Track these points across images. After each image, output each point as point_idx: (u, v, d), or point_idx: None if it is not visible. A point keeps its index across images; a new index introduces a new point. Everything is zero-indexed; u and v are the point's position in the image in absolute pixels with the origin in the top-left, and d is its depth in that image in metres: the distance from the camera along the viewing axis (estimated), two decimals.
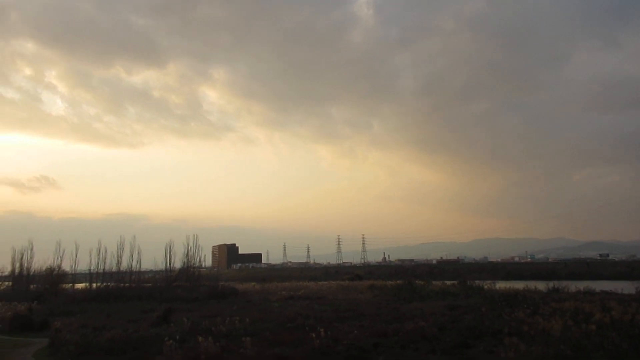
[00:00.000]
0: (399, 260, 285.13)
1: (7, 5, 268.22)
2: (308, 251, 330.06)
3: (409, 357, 23.41)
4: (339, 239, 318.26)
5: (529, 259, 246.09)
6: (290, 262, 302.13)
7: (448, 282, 79.77)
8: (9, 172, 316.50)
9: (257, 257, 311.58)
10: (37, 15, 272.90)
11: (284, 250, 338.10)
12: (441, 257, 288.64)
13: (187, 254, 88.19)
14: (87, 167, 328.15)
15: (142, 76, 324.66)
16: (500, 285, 70.91)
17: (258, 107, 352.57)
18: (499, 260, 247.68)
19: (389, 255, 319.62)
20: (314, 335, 27.42)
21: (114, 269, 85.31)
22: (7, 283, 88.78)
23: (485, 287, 67.52)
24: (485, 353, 23.50)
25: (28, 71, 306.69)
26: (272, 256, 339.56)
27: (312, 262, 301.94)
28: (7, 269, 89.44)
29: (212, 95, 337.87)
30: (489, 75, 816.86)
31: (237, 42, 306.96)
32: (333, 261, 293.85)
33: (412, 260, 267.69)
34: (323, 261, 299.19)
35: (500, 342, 23.67)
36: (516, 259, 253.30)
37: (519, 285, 68.71)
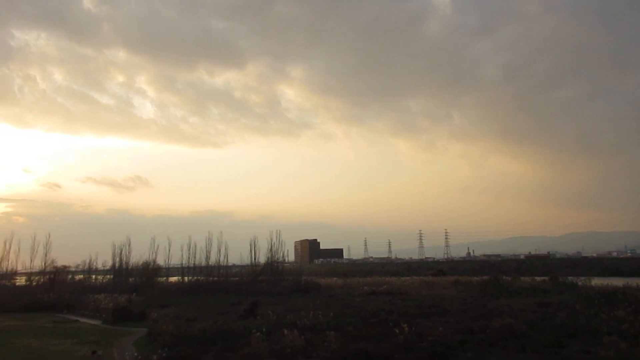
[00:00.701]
0: (484, 255, 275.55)
1: (100, 18, 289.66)
2: (389, 246, 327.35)
3: (497, 355, 22.62)
4: (420, 233, 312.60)
5: (629, 254, 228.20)
6: (372, 257, 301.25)
7: (538, 278, 76.23)
8: (108, 173, 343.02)
9: (338, 252, 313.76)
10: (126, 26, 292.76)
11: (365, 245, 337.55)
12: (529, 252, 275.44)
13: (271, 249, 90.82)
14: (176, 167, 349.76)
15: (224, 77, 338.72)
16: (596, 281, 66.73)
17: (335, 103, 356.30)
18: (594, 255, 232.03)
19: (473, 250, 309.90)
20: (397, 330, 27.25)
21: (203, 263, 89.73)
22: (108, 276, 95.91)
23: (580, 283, 63.77)
24: (581, 353, 22.16)
25: (120, 78, 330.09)
26: (354, 251, 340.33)
27: (393, 257, 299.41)
28: (109, 263, 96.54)
29: (290, 93, 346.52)
30: (576, 59, 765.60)
31: (313, 39, 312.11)
32: (415, 256, 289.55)
33: (498, 256, 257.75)
34: (405, 256, 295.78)
35: (598, 342, 22.29)
36: (614, 254, 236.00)
37: (617, 282, 64.34)
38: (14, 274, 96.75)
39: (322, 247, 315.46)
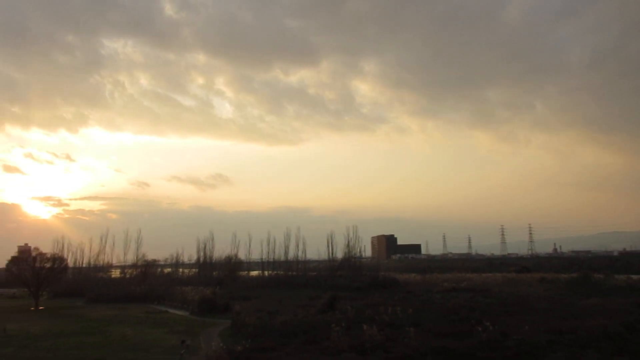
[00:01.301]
0: (572, 251, 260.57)
1: (180, 23, 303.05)
2: (469, 242, 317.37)
3: (590, 358, 21.31)
4: (502, 228, 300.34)
5: None
6: (451, 253, 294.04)
7: (634, 277, 71.10)
8: (191, 172, 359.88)
9: (416, 247, 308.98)
10: (205, 29, 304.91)
11: (444, 240, 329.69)
12: (624, 249, 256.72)
13: (348, 245, 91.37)
14: (254, 164, 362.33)
15: (298, 76, 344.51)
16: None
17: (410, 96, 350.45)
18: None
19: (560, 246, 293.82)
20: (480, 328, 26.45)
21: (282, 258, 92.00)
22: (194, 270, 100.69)
23: None
24: None
25: (201, 80, 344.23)
26: (432, 247, 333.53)
27: (473, 253, 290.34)
28: (194, 257, 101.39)
29: (364, 88, 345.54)
30: None
31: (385, 32, 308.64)
32: (496, 252, 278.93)
33: (588, 252, 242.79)
34: (486, 252, 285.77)
35: None
36: None
37: None
38: (109, 267, 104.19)
39: (399, 242, 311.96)
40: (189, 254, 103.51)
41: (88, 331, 38.69)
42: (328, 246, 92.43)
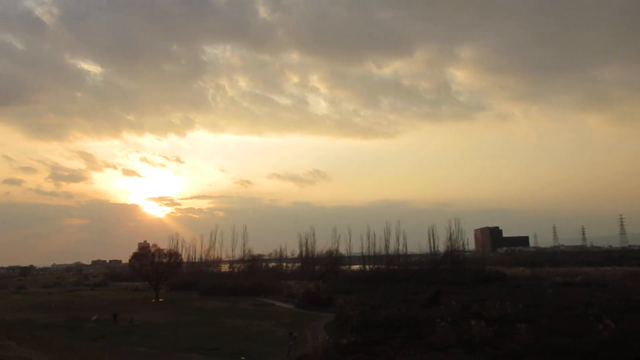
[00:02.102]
0: None
1: (274, 24, 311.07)
2: (583, 233, 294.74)
3: None
4: (621, 218, 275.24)
5: None
6: (562, 245, 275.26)
7: None
8: (290, 169, 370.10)
9: (523, 240, 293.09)
10: (298, 28, 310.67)
11: (554, 232, 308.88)
12: None
13: (450, 238, 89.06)
14: (351, 159, 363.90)
15: (392, 67, 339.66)
16: None
17: (511, 80, 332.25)
18: None
19: None
20: (600, 326, 24.60)
21: (383, 252, 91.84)
22: (296, 264, 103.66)
23: None
24: None
25: (295, 79, 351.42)
26: (540, 239, 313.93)
27: (588, 245, 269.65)
28: (296, 252, 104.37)
29: (461, 76, 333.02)
30: None
31: (481, 17, 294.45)
32: (615, 244, 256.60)
33: None
34: (602, 244, 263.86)
35: None
36: None
37: None
38: (219, 261, 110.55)
39: (504, 234, 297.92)
40: (292, 249, 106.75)
41: (203, 322, 41.33)
42: (429, 240, 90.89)
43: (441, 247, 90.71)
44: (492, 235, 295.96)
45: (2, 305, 63.00)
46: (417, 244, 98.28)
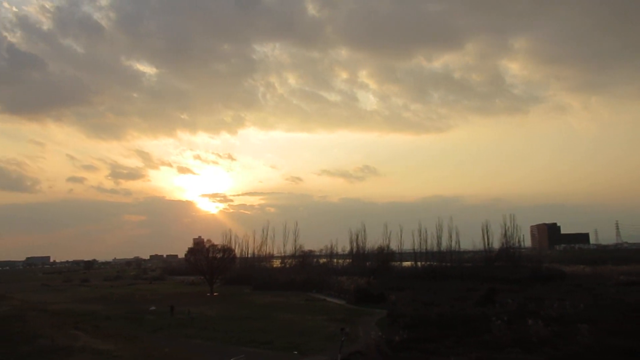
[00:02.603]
0: None
1: (323, 21, 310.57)
2: None
3: None
4: None
5: None
6: (626, 242, 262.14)
7: None
8: (339, 165, 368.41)
9: (583, 237, 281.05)
10: (346, 24, 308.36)
11: (617, 228, 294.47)
12: None
13: (505, 234, 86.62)
14: (401, 154, 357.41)
15: (442, 61, 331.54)
16: None
17: (568, 71, 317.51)
18: None
19: None
20: None
21: (435, 249, 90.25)
22: (347, 260, 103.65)
23: None
24: None
25: (344, 75, 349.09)
26: (602, 236, 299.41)
27: None
28: (346, 248, 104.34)
29: (515, 68, 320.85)
30: None
31: (536, 6, 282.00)
32: None
33: None
34: None
35: None
36: None
37: None
38: (271, 257, 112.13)
39: (562, 231, 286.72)
40: (342, 245, 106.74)
41: (256, 316, 42.08)
42: (483, 236, 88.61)
43: (495, 244, 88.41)
44: (549, 232, 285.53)
45: (69, 297, 66.53)
46: (470, 241, 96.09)
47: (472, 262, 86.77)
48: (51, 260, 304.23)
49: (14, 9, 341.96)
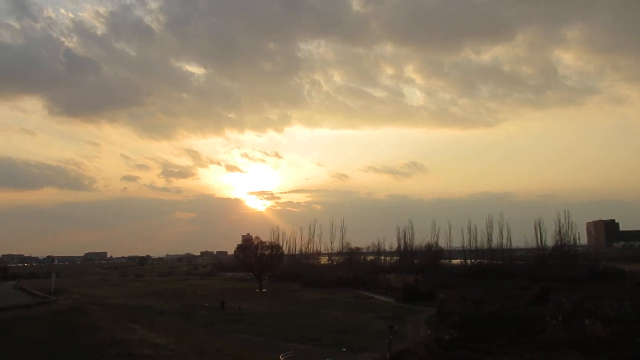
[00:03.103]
0: None
1: (368, 17, 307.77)
2: None
3: None
4: None
5: None
6: None
7: None
8: (385, 162, 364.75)
9: None
10: (392, 19, 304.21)
11: None
12: None
13: (559, 232, 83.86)
14: (449, 150, 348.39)
15: (491, 53, 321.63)
16: None
17: (626, 60, 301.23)
18: None
19: None
20: None
21: (485, 246, 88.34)
22: (395, 258, 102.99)
23: None
24: None
25: (390, 71, 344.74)
26: None
27: None
28: (394, 246, 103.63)
29: (568, 58, 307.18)
30: None
31: None
32: None
33: None
34: None
35: None
36: None
37: None
38: (318, 254, 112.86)
39: (621, 228, 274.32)
40: (389, 242, 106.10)
41: (304, 313, 42.48)
42: (536, 233, 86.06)
43: (549, 242, 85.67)
44: (606, 229, 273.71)
45: (125, 291, 69.21)
46: (522, 238, 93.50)
47: (524, 260, 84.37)
48: (108, 256, 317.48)
49: (70, 15, 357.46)
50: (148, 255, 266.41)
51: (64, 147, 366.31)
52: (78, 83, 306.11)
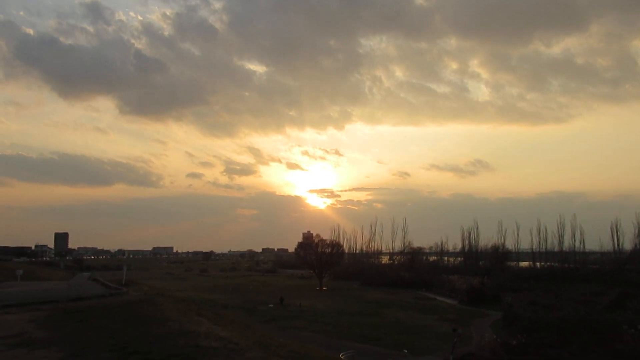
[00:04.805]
0: None
1: (431, 10, 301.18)
2: None
3: None
4: None
5: None
6: None
7: None
8: (449, 160, 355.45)
9: None
10: (456, 12, 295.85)
11: None
12: None
13: (638, 234, 78.90)
14: (516, 148, 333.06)
15: (562, 45, 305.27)
16: None
17: None
18: None
19: None
20: None
21: (556, 248, 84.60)
22: (458, 258, 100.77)
23: None
24: None
25: (454, 65, 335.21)
26: None
27: None
28: (458, 246, 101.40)
29: None
30: None
31: None
32: None
33: None
34: None
35: None
36: None
37: None
38: (379, 253, 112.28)
39: None
40: (453, 243, 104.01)
41: (365, 312, 42.50)
42: (612, 236, 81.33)
43: (627, 245, 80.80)
44: None
45: (190, 285, 71.82)
46: (596, 241, 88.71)
47: (599, 264, 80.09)
48: (174, 250, 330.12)
49: (139, 17, 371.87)
50: (212, 251, 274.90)
51: (133, 145, 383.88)
52: (146, 83, 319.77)
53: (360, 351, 24.63)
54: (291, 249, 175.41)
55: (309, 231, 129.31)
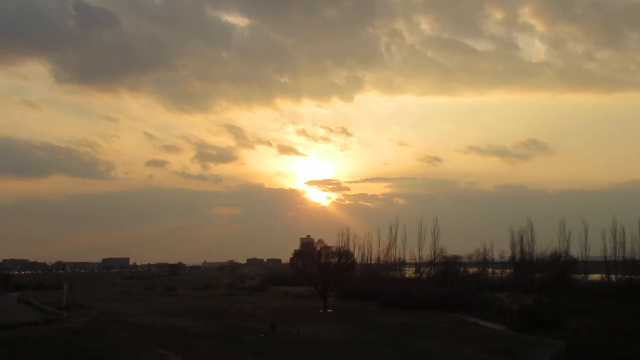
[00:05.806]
0: None
1: None
2: None
3: None
4: None
5: None
6: None
7: None
8: (493, 140, 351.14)
9: None
10: None
11: None
12: None
13: None
14: (583, 123, 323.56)
15: None
16: None
17: None
18: None
19: None
20: None
21: (637, 256, 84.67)
22: (507, 270, 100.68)
23: None
24: None
25: (499, 14, 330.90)
26: None
27: None
28: (506, 254, 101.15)
29: None
30: None
31: None
32: None
33: None
34: None
35: None
36: None
37: None
38: (402, 264, 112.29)
39: None
40: (500, 249, 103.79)
41: (384, 341, 42.55)
42: None
43: None
44: None
45: (153, 308, 72.11)
46: None
47: None
48: (130, 262, 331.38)
49: None
50: (180, 263, 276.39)
51: (75, 123, 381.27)
52: (91, 42, 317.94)
53: None
54: (285, 259, 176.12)
55: (308, 236, 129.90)
